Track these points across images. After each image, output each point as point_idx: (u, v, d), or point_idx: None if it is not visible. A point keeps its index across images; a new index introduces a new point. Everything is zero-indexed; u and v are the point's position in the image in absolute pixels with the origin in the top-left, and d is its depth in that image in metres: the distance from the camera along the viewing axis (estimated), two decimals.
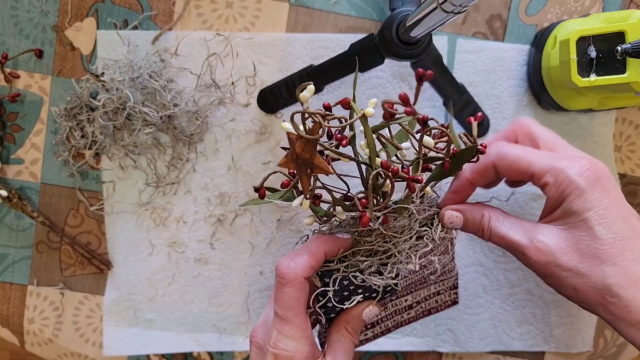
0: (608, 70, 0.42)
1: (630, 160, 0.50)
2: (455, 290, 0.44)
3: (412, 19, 0.36)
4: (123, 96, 0.45)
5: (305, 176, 0.31)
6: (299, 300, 0.33)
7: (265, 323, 0.36)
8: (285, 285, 0.33)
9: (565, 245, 0.32)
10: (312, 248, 0.34)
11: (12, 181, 0.49)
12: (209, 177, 0.49)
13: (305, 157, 0.30)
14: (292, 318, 0.33)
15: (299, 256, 0.33)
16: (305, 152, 0.30)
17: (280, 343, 0.33)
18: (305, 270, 0.33)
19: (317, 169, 0.30)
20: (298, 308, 0.33)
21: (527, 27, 0.49)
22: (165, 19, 0.48)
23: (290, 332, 0.33)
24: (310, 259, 0.33)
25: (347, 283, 0.34)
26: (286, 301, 0.33)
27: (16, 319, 0.51)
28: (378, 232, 0.34)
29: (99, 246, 0.50)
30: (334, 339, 0.36)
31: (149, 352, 0.50)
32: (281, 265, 0.33)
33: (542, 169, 0.34)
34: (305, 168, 0.30)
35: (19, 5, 0.47)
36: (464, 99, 0.47)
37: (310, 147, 0.30)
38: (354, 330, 0.36)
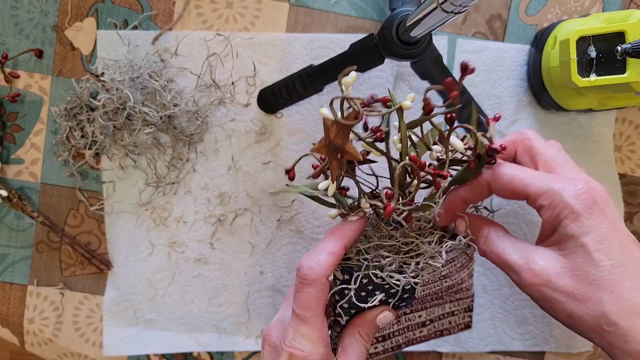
0: (608, 70, 0.42)
1: (630, 160, 0.50)
2: (469, 314, 0.43)
3: (412, 19, 0.36)
4: (123, 96, 0.45)
5: (336, 161, 0.31)
6: (319, 301, 0.33)
7: (281, 322, 0.36)
8: (307, 286, 0.33)
9: (563, 271, 0.32)
10: (331, 246, 0.34)
11: (12, 181, 0.49)
12: (209, 177, 0.49)
13: (338, 143, 0.31)
14: (310, 318, 0.33)
15: (319, 254, 0.33)
16: (338, 138, 0.30)
17: (297, 342, 0.33)
18: (327, 270, 0.33)
19: (348, 155, 0.31)
20: (317, 308, 0.33)
21: (527, 27, 0.49)
22: (165, 19, 0.48)
23: (307, 332, 0.33)
24: (330, 258, 0.33)
25: (366, 282, 0.34)
26: (306, 301, 0.33)
27: (16, 319, 0.51)
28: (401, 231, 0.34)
29: (99, 246, 0.50)
30: (346, 342, 0.35)
31: (149, 352, 0.50)
32: (303, 266, 0.33)
33: (537, 191, 0.33)
34: (336, 153, 0.31)
35: (19, 5, 0.47)
36: (464, 99, 0.47)
37: (343, 133, 0.30)
38: (367, 334, 0.35)
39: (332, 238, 0.34)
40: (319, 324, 0.33)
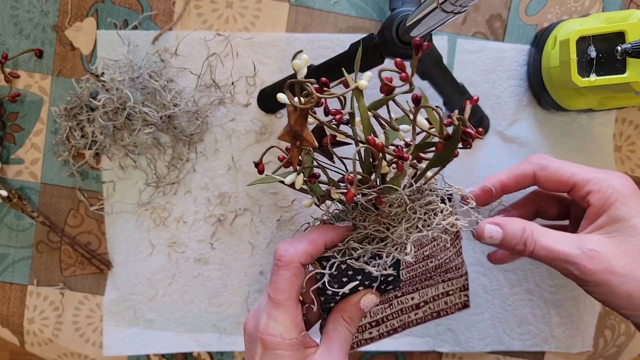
0: (608, 70, 0.42)
1: (630, 160, 0.50)
2: (465, 292, 0.43)
3: (412, 19, 0.36)
4: (123, 96, 0.45)
5: (296, 148, 0.31)
6: (292, 285, 0.33)
7: (257, 310, 0.35)
8: (281, 268, 0.33)
9: (618, 252, 0.33)
10: (312, 237, 0.34)
11: (12, 181, 0.49)
12: (209, 177, 0.49)
13: (297, 129, 0.30)
14: (283, 302, 0.33)
15: (298, 242, 0.34)
16: (297, 124, 0.30)
17: (270, 328, 0.33)
18: (303, 256, 0.33)
19: (305, 142, 0.30)
20: (290, 292, 0.33)
21: (527, 27, 0.49)
22: (165, 19, 0.48)
23: (279, 317, 0.33)
24: (308, 246, 0.33)
25: (344, 268, 0.34)
26: (280, 284, 0.33)
27: (16, 319, 0.51)
28: (373, 218, 0.34)
29: (99, 246, 0.50)
30: (329, 327, 0.35)
31: (149, 352, 0.50)
32: (279, 248, 0.34)
33: (584, 179, 0.35)
34: (295, 140, 0.31)
35: (19, 5, 0.47)
36: (464, 99, 0.47)
37: (301, 119, 0.30)
38: (351, 318, 0.35)
39: (314, 231, 0.35)
40: (292, 308, 0.33)
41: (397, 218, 0.34)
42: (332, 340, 0.35)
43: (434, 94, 0.47)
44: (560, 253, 0.34)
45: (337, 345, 0.35)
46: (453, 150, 0.34)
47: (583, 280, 0.34)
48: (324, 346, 0.34)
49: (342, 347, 0.35)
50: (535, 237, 0.35)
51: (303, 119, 0.30)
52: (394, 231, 0.34)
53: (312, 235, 0.34)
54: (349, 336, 0.35)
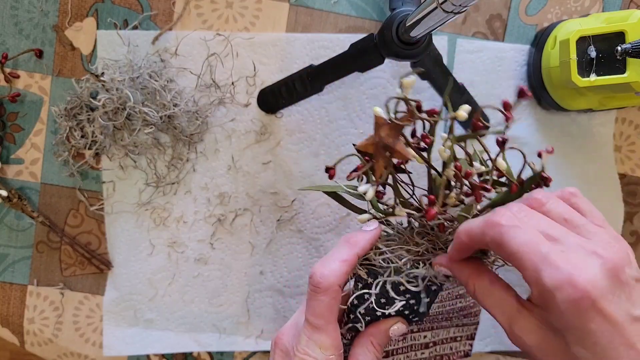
0: (608, 70, 0.42)
1: (630, 160, 0.50)
2: (471, 342, 0.42)
3: (412, 19, 0.36)
4: (123, 96, 0.45)
5: (383, 159, 0.32)
6: (331, 309, 0.33)
7: (294, 327, 0.35)
8: (319, 294, 0.33)
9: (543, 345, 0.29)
10: (344, 254, 0.34)
11: (12, 181, 0.49)
12: (209, 177, 0.49)
13: (388, 142, 0.32)
14: (323, 326, 0.33)
15: (332, 263, 0.33)
16: (389, 137, 0.32)
17: (310, 349, 0.33)
18: (340, 278, 0.33)
19: (397, 154, 0.32)
20: (330, 316, 0.33)
21: (527, 27, 0.49)
22: (165, 19, 0.48)
23: (320, 340, 0.33)
24: (343, 266, 0.33)
25: (386, 288, 0.34)
26: (319, 309, 0.33)
27: (16, 319, 0.51)
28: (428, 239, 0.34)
29: (99, 246, 0.50)
30: (358, 351, 0.35)
31: (149, 352, 0.50)
32: (315, 274, 0.33)
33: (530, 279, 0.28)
34: (384, 152, 0.32)
35: (19, 5, 0.47)
36: (464, 99, 0.47)
37: (395, 133, 0.32)
38: (379, 345, 0.35)
39: (345, 246, 0.34)
40: (332, 332, 0.33)
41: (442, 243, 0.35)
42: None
43: (434, 94, 0.47)
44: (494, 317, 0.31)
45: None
46: (522, 193, 0.33)
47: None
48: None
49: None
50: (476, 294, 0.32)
51: (396, 133, 0.32)
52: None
53: (344, 252, 0.34)
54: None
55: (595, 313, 0.26)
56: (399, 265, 0.34)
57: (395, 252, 0.35)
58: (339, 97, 0.48)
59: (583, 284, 0.26)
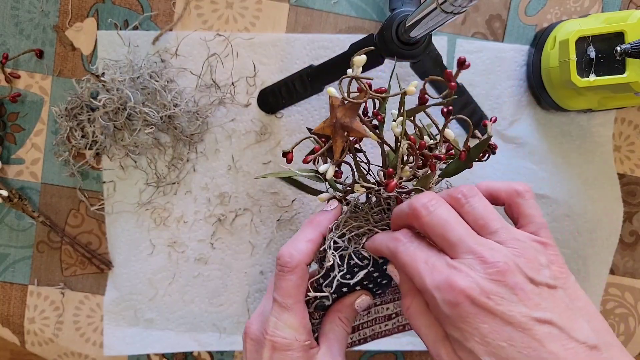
0: (607, 71, 0.42)
1: (629, 160, 0.51)
2: None
3: (412, 20, 0.36)
4: (123, 96, 0.45)
5: (341, 138, 0.33)
6: (299, 288, 0.34)
7: (261, 314, 0.36)
8: (287, 273, 0.34)
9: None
10: (309, 234, 0.35)
11: (13, 181, 0.49)
12: (209, 177, 0.49)
13: (345, 122, 0.32)
14: (291, 305, 0.34)
15: (299, 243, 0.34)
16: (346, 117, 0.32)
17: (279, 330, 0.33)
18: (306, 257, 0.34)
19: (355, 132, 0.33)
20: (298, 295, 0.34)
21: (527, 27, 0.49)
22: (165, 19, 0.48)
23: (289, 320, 0.33)
24: (309, 245, 0.34)
25: (352, 264, 0.34)
26: (287, 288, 0.34)
27: (17, 319, 0.51)
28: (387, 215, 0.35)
29: (100, 246, 0.50)
30: (327, 329, 0.36)
31: (149, 352, 0.50)
32: (283, 254, 0.34)
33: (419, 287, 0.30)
34: (342, 132, 0.33)
35: (20, 6, 0.47)
36: (464, 99, 0.47)
37: (351, 112, 0.32)
38: (347, 319, 0.36)
39: (309, 226, 0.36)
40: (301, 311, 0.34)
41: None
42: (331, 341, 0.35)
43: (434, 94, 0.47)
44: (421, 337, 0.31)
45: (337, 346, 0.35)
46: (472, 161, 0.35)
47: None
48: (325, 347, 0.35)
49: (341, 347, 0.35)
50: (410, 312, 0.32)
51: (353, 112, 0.32)
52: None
53: (309, 232, 0.35)
54: (346, 336, 0.36)
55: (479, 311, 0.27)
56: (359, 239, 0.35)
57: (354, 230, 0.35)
58: None
59: (460, 285, 0.27)
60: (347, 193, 0.37)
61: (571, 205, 0.49)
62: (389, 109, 0.36)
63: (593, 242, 0.50)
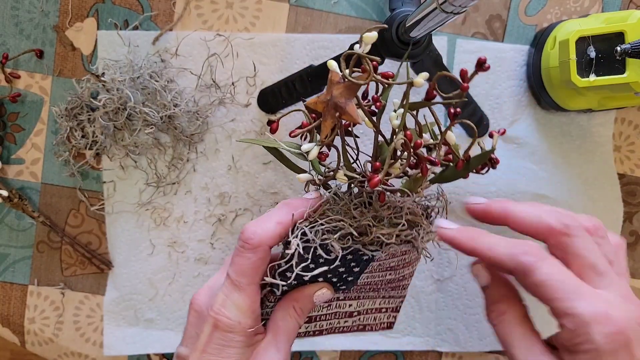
0: (607, 71, 0.42)
1: (629, 160, 0.51)
2: (395, 314, 0.41)
3: (412, 20, 0.36)
4: (123, 96, 0.45)
5: (331, 119, 0.30)
6: (257, 269, 0.32)
7: (211, 288, 0.34)
8: (248, 251, 0.31)
9: None
10: (281, 215, 0.32)
11: (13, 181, 0.49)
12: (209, 177, 0.49)
13: (339, 101, 0.29)
14: (244, 286, 0.31)
15: (267, 222, 0.32)
16: (342, 96, 0.29)
17: (225, 309, 0.31)
18: (272, 239, 0.32)
19: (347, 116, 0.29)
20: (254, 276, 0.32)
21: (527, 27, 0.49)
22: (165, 19, 0.48)
23: (238, 301, 0.31)
24: (278, 227, 0.32)
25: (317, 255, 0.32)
26: (244, 267, 0.31)
27: (17, 319, 0.51)
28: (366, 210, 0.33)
29: (100, 246, 0.50)
30: (278, 316, 0.34)
31: (150, 352, 0.50)
32: (247, 229, 0.32)
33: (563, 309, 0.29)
34: (334, 112, 0.30)
35: (20, 6, 0.47)
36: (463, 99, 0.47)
37: (349, 92, 0.29)
38: (302, 310, 0.34)
39: (283, 208, 0.33)
40: (253, 294, 0.32)
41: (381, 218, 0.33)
42: (279, 330, 0.33)
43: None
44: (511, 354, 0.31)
45: (284, 336, 0.33)
46: (468, 171, 0.33)
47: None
48: (271, 334, 0.33)
49: (289, 338, 0.34)
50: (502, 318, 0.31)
51: (350, 93, 0.29)
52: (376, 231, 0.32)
53: (281, 214, 0.32)
54: (296, 328, 0.34)
55: (626, 354, 0.27)
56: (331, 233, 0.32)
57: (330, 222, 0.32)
58: None
59: (620, 321, 0.27)
60: (328, 178, 0.34)
61: (571, 205, 0.49)
62: (391, 98, 0.33)
63: None
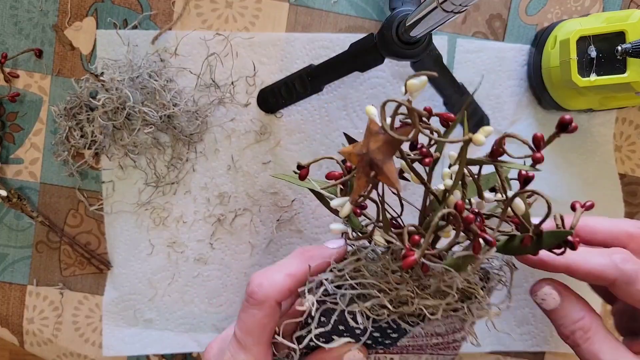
0: (608, 70, 0.42)
1: (630, 160, 0.50)
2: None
3: (412, 19, 0.36)
4: (122, 96, 0.45)
5: (365, 178, 0.25)
6: (264, 327, 0.28)
7: (223, 340, 0.31)
8: (252, 306, 0.28)
9: None
10: (293, 267, 0.29)
11: (12, 181, 0.49)
12: (209, 177, 0.49)
13: (376, 157, 0.24)
14: (250, 346, 0.28)
15: (276, 274, 0.29)
16: (379, 152, 0.24)
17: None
18: (279, 293, 0.28)
19: (383, 177, 0.24)
20: (260, 336, 0.28)
21: (527, 26, 0.49)
22: (164, 18, 0.48)
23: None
24: (287, 280, 0.28)
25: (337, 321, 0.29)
26: (249, 324, 0.28)
27: (15, 319, 0.50)
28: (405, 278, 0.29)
29: (99, 246, 0.50)
30: None
31: (149, 352, 0.50)
32: (252, 281, 0.28)
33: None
34: (369, 169, 0.25)
35: (19, 5, 0.47)
36: (464, 99, 0.47)
37: (388, 149, 0.24)
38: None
39: (297, 258, 0.29)
40: (261, 355, 0.28)
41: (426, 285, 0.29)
42: None
43: (434, 94, 0.47)
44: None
45: None
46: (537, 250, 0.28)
47: None
48: None
49: None
50: (589, 335, 0.31)
51: (389, 150, 0.24)
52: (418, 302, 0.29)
53: (294, 264, 0.29)
54: None
55: None
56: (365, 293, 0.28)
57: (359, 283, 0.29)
58: (339, 97, 0.48)
59: None
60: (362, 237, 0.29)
61: None
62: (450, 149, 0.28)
63: None
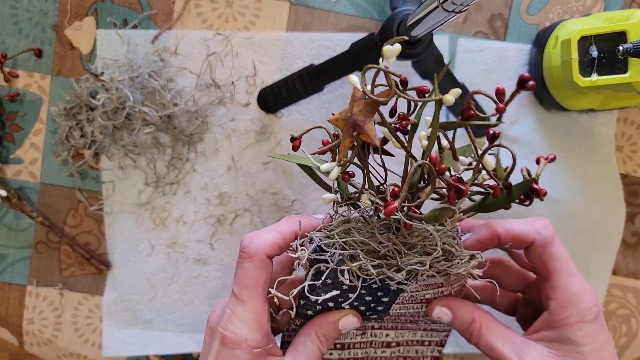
0: (609, 70, 0.41)
1: (632, 160, 0.50)
2: (440, 349, 0.39)
3: (413, 18, 0.36)
4: (122, 96, 0.45)
5: (349, 139, 0.28)
6: (257, 279, 0.31)
7: (225, 304, 0.33)
8: (244, 260, 0.31)
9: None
10: (281, 226, 0.32)
11: (12, 181, 0.49)
12: (209, 177, 0.49)
13: (359, 119, 0.27)
14: (247, 298, 0.31)
15: (265, 232, 0.32)
16: (361, 114, 0.27)
17: (231, 324, 0.31)
18: (269, 247, 0.31)
19: (365, 136, 0.27)
20: (255, 288, 0.31)
21: (529, 26, 0.49)
22: (165, 18, 0.48)
23: (242, 314, 0.31)
24: (276, 236, 0.31)
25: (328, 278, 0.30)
26: (244, 278, 0.31)
27: (15, 319, 0.50)
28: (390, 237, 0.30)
29: (99, 246, 0.50)
30: (299, 341, 0.33)
31: (148, 353, 0.50)
32: (244, 239, 0.31)
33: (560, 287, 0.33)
34: (352, 130, 0.28)
35: (19, 5, 0.47)
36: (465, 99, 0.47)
37: (368, 110, 0.27)
38: (325, 337, 0.32)
39: (286, 220, 0.33)
40: (257, 307, 0.31)
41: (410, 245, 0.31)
42: (298, 354, 0.32)
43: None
44: (501, 355, 0.33)
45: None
46: (508, 202, 0.30)
47: None
48: (289, 358, 0.32)
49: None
50: (481, 331, 0.34)
51: (370, 111, 0.27)
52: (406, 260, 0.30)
53: (282, 225, 0.32)
54: (318, 356, 0.32)
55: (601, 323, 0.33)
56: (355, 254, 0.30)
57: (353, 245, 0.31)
58: (339, 97, 0.48)
59: (597, 298, 0.33)
60: (351, 201, 0.32)
61: (573, 206, 0.49)
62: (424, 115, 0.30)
63: (595, 243, 0.50)
